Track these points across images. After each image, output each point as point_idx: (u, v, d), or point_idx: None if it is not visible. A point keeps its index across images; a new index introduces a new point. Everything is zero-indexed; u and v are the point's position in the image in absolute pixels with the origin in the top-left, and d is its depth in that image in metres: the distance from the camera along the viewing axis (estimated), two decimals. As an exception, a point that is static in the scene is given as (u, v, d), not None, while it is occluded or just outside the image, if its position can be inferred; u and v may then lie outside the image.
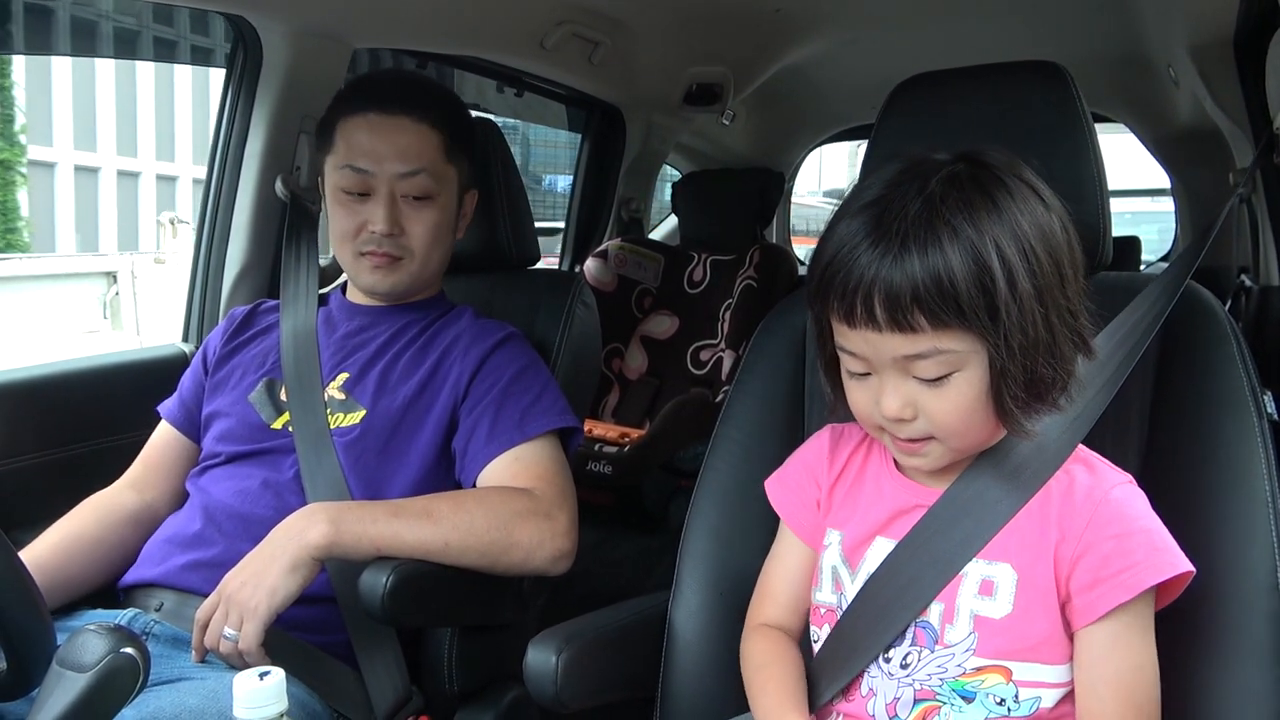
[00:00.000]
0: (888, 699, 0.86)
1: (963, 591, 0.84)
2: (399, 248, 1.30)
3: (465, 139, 1.37)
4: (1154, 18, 2.11)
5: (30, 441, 1.48)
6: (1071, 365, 0.81)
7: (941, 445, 0.82)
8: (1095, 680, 0.80)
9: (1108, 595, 0.79)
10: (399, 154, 1.28)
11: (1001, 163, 0.81)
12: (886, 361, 0.79)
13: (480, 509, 1.15)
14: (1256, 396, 0.92)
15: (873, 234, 0.77)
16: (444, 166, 1.32)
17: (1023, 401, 0.79)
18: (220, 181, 1.75)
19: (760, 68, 2.67)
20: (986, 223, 0.75)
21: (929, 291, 0.74)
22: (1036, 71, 1.08)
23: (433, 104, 1.32)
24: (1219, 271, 2.29)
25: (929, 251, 0.74)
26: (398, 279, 1.33)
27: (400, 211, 1.29)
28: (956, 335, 0.76)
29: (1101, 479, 0.84)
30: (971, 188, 0.78)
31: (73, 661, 0.71)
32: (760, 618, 0.99)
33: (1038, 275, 0.76)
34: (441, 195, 1.32)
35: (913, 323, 0.75)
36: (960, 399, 0.79)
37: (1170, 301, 0.96)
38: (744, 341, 2.55)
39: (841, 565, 0.92)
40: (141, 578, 1.21)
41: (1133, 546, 0.80)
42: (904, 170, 0.81)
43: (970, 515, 0.85)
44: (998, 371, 0.77)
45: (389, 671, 1.14)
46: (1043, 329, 0.77)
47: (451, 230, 1.37)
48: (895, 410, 0.80)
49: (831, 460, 0.96)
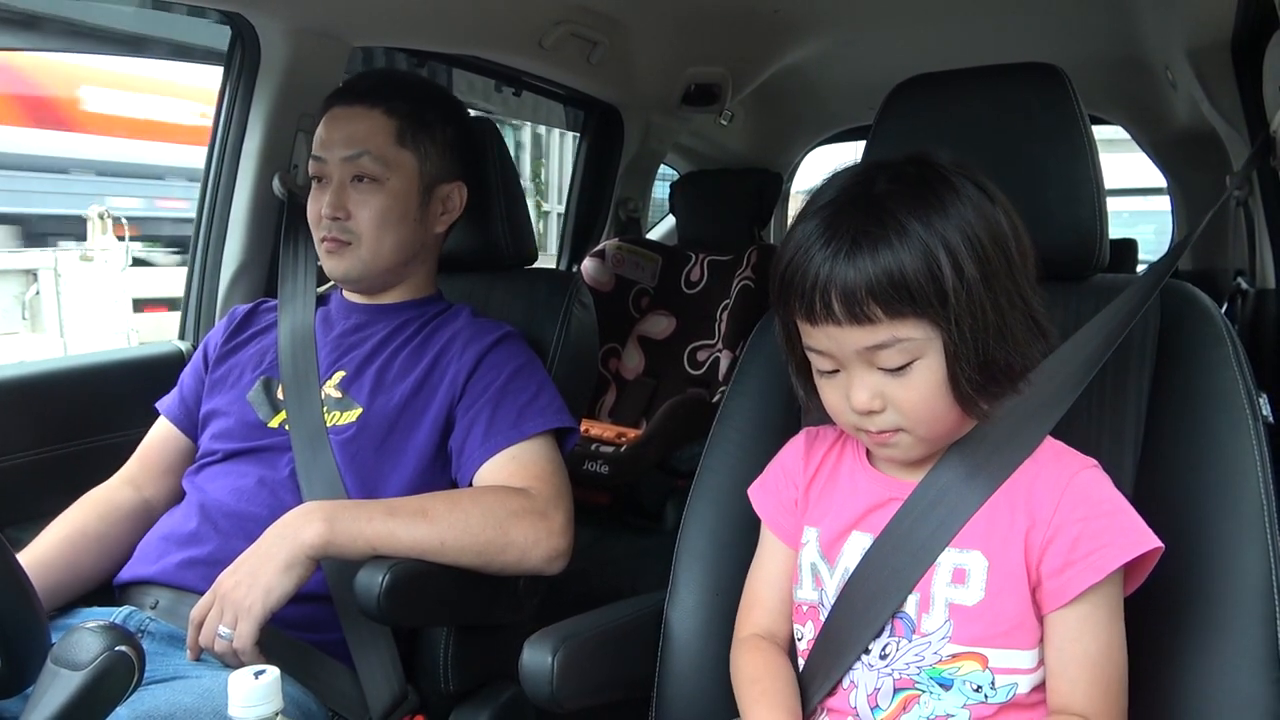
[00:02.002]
0: (869, 690, 0.87)
1: (936, 580, 0.85)
2: (345, 231, 1.31)
3: (432, 127, 1.35)
4: (1152, 20, 2.12)
5: (27, 439, 1.48)
6: (1026, 349, 0.84)
7: (910, 435, 0.85)
8: (1065, 662, 0.82)
9: (1078, 578, 0.80)
10: (345, 139, 1.31)
11: (948, 162, 0.85)
12: (851, 355, 0.82)
13: (476, 508, 1.15)
14: (1252, 399, 0.92)
15: (825, 234, 0.81)
16: (394, 151, 1.32)
17: (978, 384, 0.81)
18: (218, 179, 1.75)
19: (759, 68, 2.67)
20: (932, 217, 0.79)
21: (880, 284, 0.78)
22: (1034, 73, 1.09)
23: (390, 94, 1.34)
24: (1215, 274, 2.30)
25: (879, 248, 0.78)
26: (349, 265, 1.33)
27: (348, 195, 1.31)
28: (912, 323, 0.80)
29: (1067, 464, 0.86)
30: (918, 185, 0.81)
31: (68, 659, 0.71)
32: (749, 627, 1.00)
33: (984, 262, 0.80)
34: (391, 180, 1.31)
35: (869, 314, 0.79)
36: (925, 386, 0.82)
37: (1148, 297, 0.96)
38: (741, 342, 2.55)
39: (820, 561, 0.93)
40: (137, 575, 1.21)
41: (1100, 528, 0.81)
42: (855, 173, 0.85)
43: (942, 505, 0.87)
44: (951, 355, 0.80)
45: (385, 670, 1.14)
46: (991, 312, 0.80)
47: (409, 217, 1.34)
48: (864, 402, 0.83)
49: (807, 460, 0.98)
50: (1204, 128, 2.36)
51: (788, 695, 0.91)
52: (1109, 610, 0.82)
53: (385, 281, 1.37)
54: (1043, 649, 0.84)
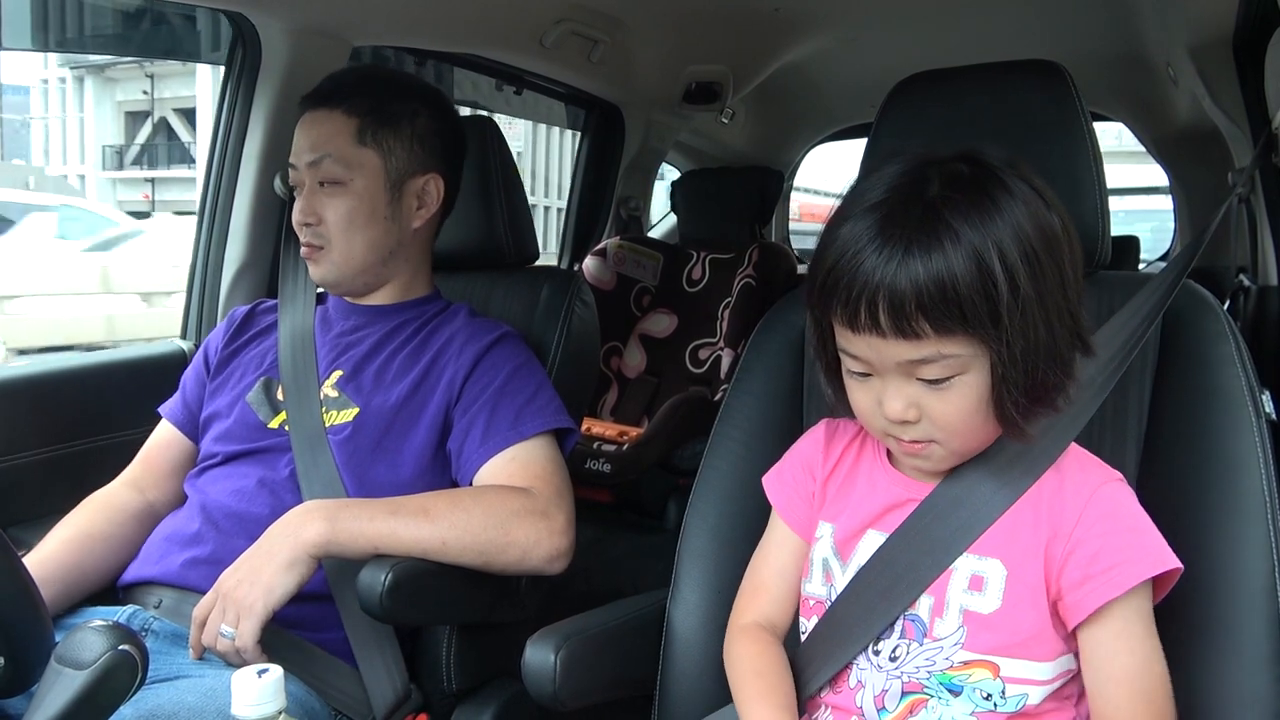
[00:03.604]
0: (876, 691, 0.86)
1: (952, 586, 0.85)
2: (318, 236, 1.31)
3: (396, 122, 1.32)
4: (1153, 17, 2.11)
5: (29, 439, 1.48)
6: (1071, 368, 0.81)
7: (943, 448, 0.83)
8: (1104, 680, 0.80)
9: (1097, 591, 0.79)
10: (310, 145, 1.30)
11: (1002, 162, 0.81)
12: (890, 366, 0.79)
13: (478, 507, 1.15)
14: (1254, 396, 0.92)
15: (876, 239, 0.76)
16: (354, 151, 1.30)
17: (1023, 406, 0.79)
18: (219, 179, 1.75)
19: (760, 66, 2.67)
20: (989, 225, 0.75)
21: (932, 297, 0.74)
22: (1035, 70, 1.08)
23: (350, 92, 1.32)
24: (1218, 271, 2.30)
25: (932, 256, 0.74)
26: (325, 270, 1.33)
27: (317, 200, 1.30)
28: (960, 340, 0.76)
29: (1091, 476, 0.85)
30: (973, 188, 0.77)
31: (71, 659, 0.71)
32: (750, 614, 0.98)
33: (1039, 279, 0.76)
34: (355, 181, 1.30)
35: (916, 329, 0.75)
36: (963, 402, 0.79)
37: (1165, 301, 0.96)
38: (743, 340, 2.54)
39: (833, 557, 0.92)
40: (141, 575, 1.22)
41: (1122, 543, 0.80)
42: (905, 172, 0.80)
43: (962, 510, 0.85)
44: (999, 376, 0.77)
45: (387, 669, 1.14)
46: (1044, 333, 0.77)
47: (377, 215, 1.32)
48: (898, 412, 0.80)
49: (827, 453, 0.97)
50: (1205, 124, 2.36)
51: (789, 694, 0.90)
52: (1142, 625, 0.80)
53: (365, 283, 1.36)
54: (1061, 662, 0.83)
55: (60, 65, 15.64)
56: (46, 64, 15.97)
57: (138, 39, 2.10)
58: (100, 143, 15.97)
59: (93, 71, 15.54)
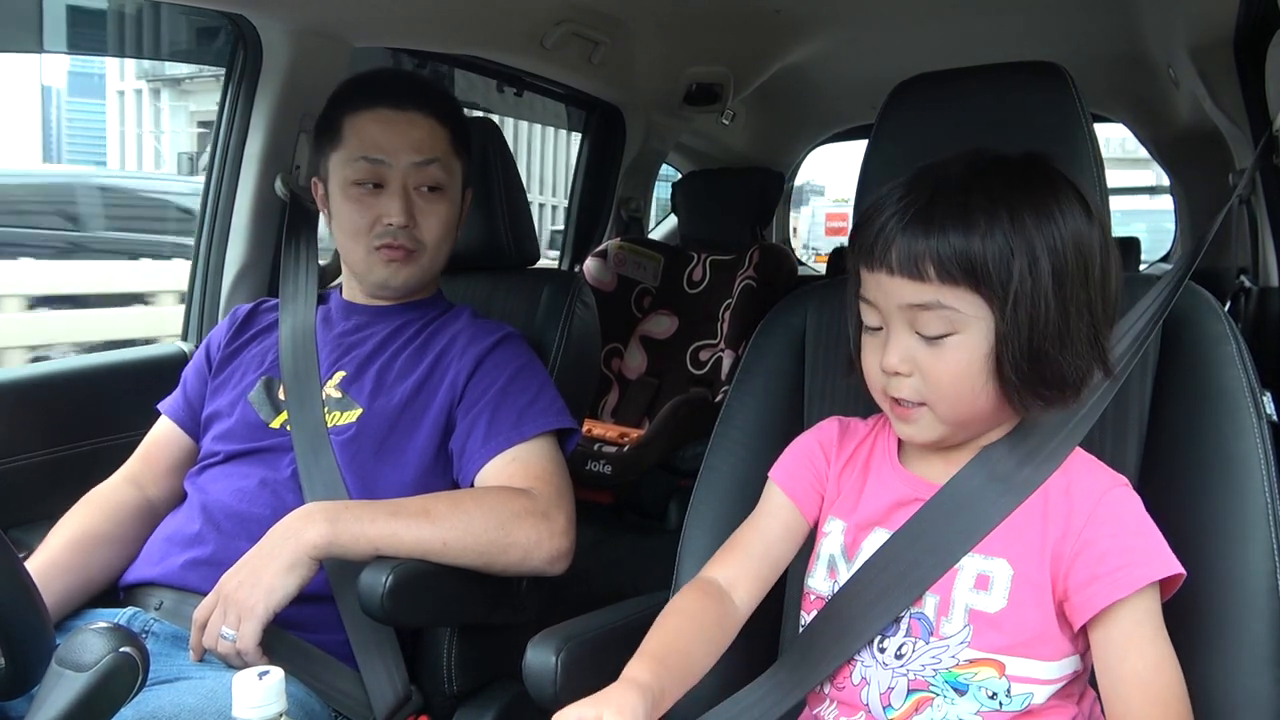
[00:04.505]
0: (882, 688, 0.87)
1: (958, 585, 0.85)
2: (413, 240, 1.31)
3: (466, 136, 1.39)
4: (1154, 18, 2.11)
5: (30, 440, 1.48)
6: (1085, 364, 0.82)
7: (932, 413, 0.84)
8: (1116, 681, 0.80)
9: (1103, 592, 0.79)
10: (413, 145, 1.29)
11: (1056, 170, 0.84)
12: (894, 310, 0.82)
13: (478, 509, 1.15)
14: (1255, 397, 0.92)
15: (909, 189, 0.81)
16: (453, 159, 1.34)
17: (1024, 374, 0.80)
18: (220, 180, 1.75)
19: (760, 67, 2.67)
20: (1023, 205, 0.78)
21: (943, 243, 0.77)
22: (1036, 71, 1.08)
23: (439, 99, 1.35)
24: (1219, 272, 2.29)
25: (953, 210, 0.78)
26: (410, 273, 1.33)
27: (414, 204, 1.30)
28: (962, 294, 0.79)
29: (1100, 479, 0.85)
30: (1021, 175, 0.81)
31: (72, 661, 0.71)
32: (711, 569, 0.95)
33: (1062, 260, 0.78)
34: (450, 188, 1.34)
35: (922, 270, 0.78)
36: (956, 361, 0.81)
37: (1168, 304, 0.96)
38: (743, 341, 2.54)
39: (840, 555, 0.92)
40: (141, 577, 1.21)
41: (1129, 545, 0.81)
42: (961, 153, 0.84)
43: (968, 509, 0.86)
44: (1001, 336, 0.79)
45: (388, 671, 1.14)
46: (1055, 311, 0.79)
47: (458, 225, 1.39)
48: (893, 363, 0.82)
49: (840, 447, 0.97)
50: (1206, 125, 2.36)
51: (668, 645, 0.86)
52: (1151, 628, 0.80)
53: (422, 287, 1.39)
54: (1067, 663, 0.83)
55: (137, 78, 16.23)
56: (124, 76, 16.60)
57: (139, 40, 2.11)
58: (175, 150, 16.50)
59: (168, 84, 16.00)
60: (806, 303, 1.18)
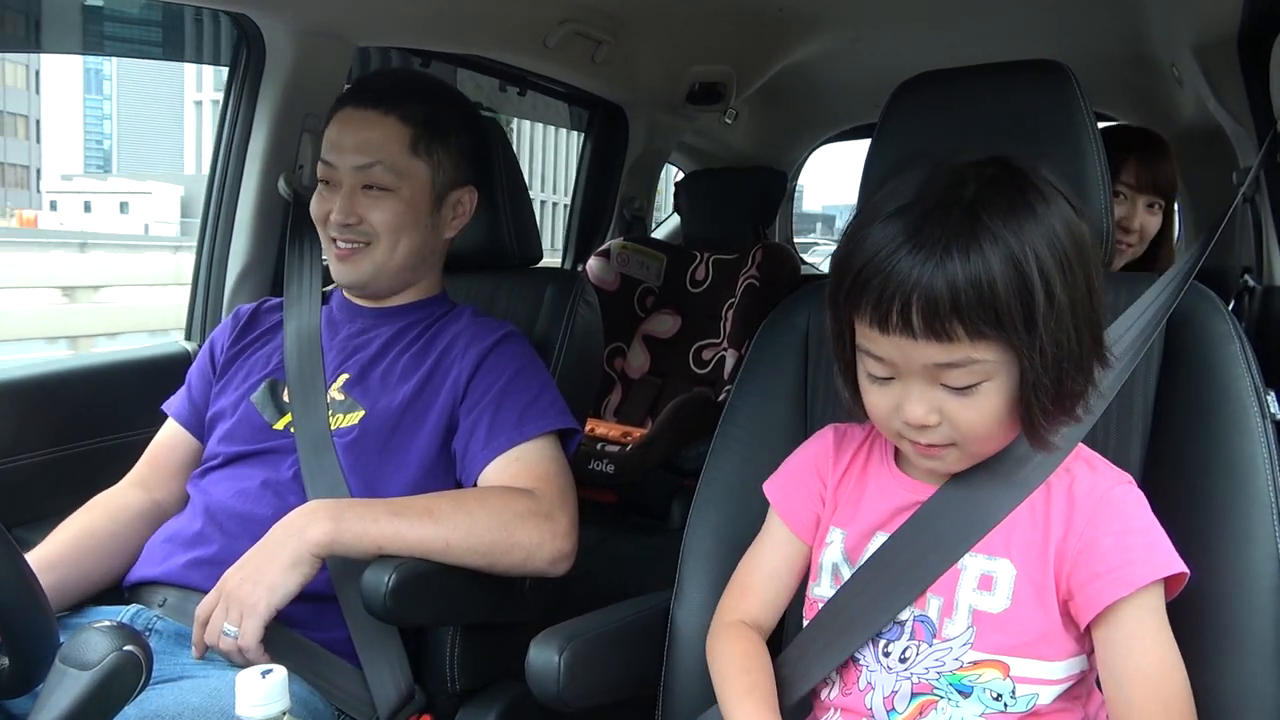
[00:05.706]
0: (886, 692, 0.86)
1: (961, 586, 0.85)
2: (360, 234, 1.30)
3: (446, 135, 1.33)
4: (1157, 17, 2.11)
5: (34, 439, 1.48)
6: (1093, 376, 0.81)
7: (960, 451, 0.83)
8: (1119, 679, 0.80)
9: (1105, 590, 0.79)
10: (357, 146, 1.28)
11: (1031, 167, 0.80)
12: (916, 369, 0.78)
13: (481, 509, 1.15)
14: (1260, 396, 0.92)
15: (913, 239, 0.75)
16: (407, 161, 1.29)
17: (1050, 414, 0.79)
18: (223, 180, 1.76)
19: (763, 67, 2.66)
20: (1026, 229, 0.75)
21: (969, 299, 0.73)
22: (1040, 70, 1.08)
23: (406, 99, 1.31)
24: (1223, 271, 2.29)
25: (970, 258, 0.73)
26: (361, 271, 1.31)
27: (359, 201, 1.29)
28: (991, 346, 0.76)
29: (1103, 477, 0.85)
30: (1011, 192, 0.77)
31: (76, 659, 0.71)
32: (737, 613, 0.98)
33: (1072, 287, 0.76)
34: (404, 189, 1.30)
35: (950, 331, 0.75)
36: (988, 408, 0.79)
37: (1172, 302, 0.96)
38: (746, 341, 2.54)
39: (843, 561, 0.92)
40: (145, 576, 1.22)
41: (1132, 544, 0.80)
42: (936, 175, 0.80)
43: (969, 508, 0.86)
44: (1029, 384, 0.77)
45: (391, 670, 1.14)
46: (1074, 342, 0.77)
47: (421, 224, 1.32)
48: (920, 417, 0.79)
49: (837, 459, 0.97)
50: (1210, 124, 2.35)
51: (772, 692, 0.90)
52: (1155, 626, 0.80)
53: (393, 286, 1.36)
54: (1073, 663, 0.83)
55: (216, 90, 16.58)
56: (201, 87, 17.07)
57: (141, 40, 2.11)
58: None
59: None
60: (809, 302, 1.18)
